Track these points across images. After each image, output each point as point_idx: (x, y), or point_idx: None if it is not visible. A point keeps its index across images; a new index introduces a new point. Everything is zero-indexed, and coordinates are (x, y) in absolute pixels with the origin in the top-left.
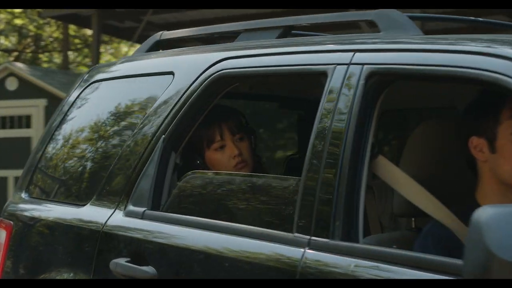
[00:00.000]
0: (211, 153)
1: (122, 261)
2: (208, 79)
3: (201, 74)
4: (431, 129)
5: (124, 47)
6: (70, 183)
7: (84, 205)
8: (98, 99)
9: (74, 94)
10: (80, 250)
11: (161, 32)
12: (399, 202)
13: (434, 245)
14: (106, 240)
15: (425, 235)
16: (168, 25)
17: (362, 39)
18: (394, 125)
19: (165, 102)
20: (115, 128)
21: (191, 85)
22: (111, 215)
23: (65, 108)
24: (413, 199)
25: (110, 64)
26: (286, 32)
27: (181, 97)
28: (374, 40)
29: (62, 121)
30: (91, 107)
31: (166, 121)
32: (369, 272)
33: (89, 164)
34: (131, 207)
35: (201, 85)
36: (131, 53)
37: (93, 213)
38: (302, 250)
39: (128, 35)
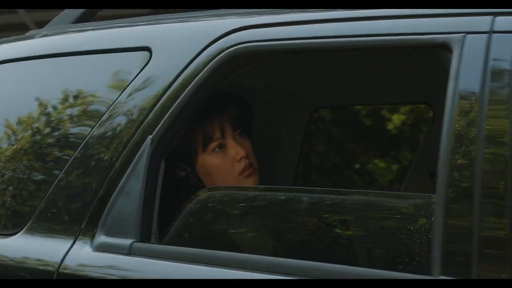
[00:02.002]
0: (208, 156)
1: None
2: (218, 58)
3: (203, 50)
4: None
5: None
6: None
7: (12, 234)
8: (16, 86)
9: None
10: None
11: None
12: None
13: None
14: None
15: None
16: None
17: None
18: None
19: (143, 90)
20: (54, 124)
21: (187, 66)
22: (70, 249)
23: None
24: None
25: (21, 39)
26: None
27: (172, 83)
28: None
29: None
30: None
31: (150, 117)
32: None
33: (15, 173)
34: (103, 238)
35: (206, 66)
36: None
37: (33, 247)
38: None
39: None
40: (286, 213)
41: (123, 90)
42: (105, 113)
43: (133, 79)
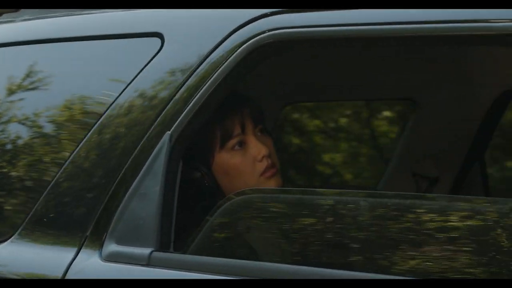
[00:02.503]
0: (226, 155)
1: None
2: (245, 46)
3: (228, 37)
4: None
5: None
6: None
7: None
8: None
9: None
10: None
11: None
12: None
13: None
14: None
15: None
16: None
17: None
18: None
19: (156, 80)
20: (51, 114)
21: (209, 54)
22: (74, 259)
23: None
24: None
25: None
26: None
27: (192, 73)
28: None
29: None
30: None
31: (168, 110)
32: None
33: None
34: (114, 246)
35: (231, 55)
36: None
37: (27, 257)
38: None
39: None
40: (336, 220)
41: (132, 80)
42: (111, 104)
43: (143, 68)
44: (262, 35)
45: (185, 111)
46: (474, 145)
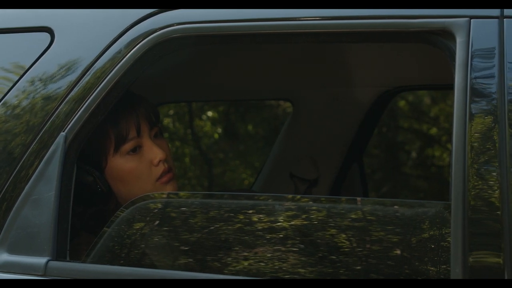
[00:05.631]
0: (120, 159)
1: None
2: (144, 42)
3: (124, 33)
4: None
5: None
6: None
7: None
8: None
9: None
10: None
11: None
12: None
13: None
14: None
15: None
16: None
17: None
18: None
19: (48, 77)
20: None
21: (106, 50)
22: None
23: None
24: None
25: None
26: None
27: (87, 70)
28: None
29: None
30: None
31: (61, 109)
32: None
33: None
34: (5, 256)
35: (129, 51)
36: None
37: None
38: None
39: None
40: (242, 224)
41: (20, 78)
42: None
43: (32, 65)
44: (162, 31)
45: (81, 110)
46: (352, 146)
